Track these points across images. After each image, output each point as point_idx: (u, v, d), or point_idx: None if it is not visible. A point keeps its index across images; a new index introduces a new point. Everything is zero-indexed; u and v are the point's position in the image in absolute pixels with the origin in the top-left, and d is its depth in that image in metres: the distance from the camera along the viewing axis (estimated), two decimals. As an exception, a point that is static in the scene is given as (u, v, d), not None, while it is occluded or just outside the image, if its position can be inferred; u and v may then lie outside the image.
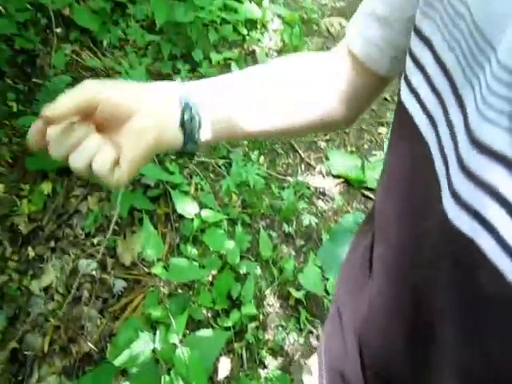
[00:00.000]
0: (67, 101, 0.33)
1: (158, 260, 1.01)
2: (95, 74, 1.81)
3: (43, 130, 0.33)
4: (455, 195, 0.27)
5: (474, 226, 0.26)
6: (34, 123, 0.34)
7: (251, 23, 2.17)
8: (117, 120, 0.34)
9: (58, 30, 2.10)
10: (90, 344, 1.02)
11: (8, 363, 0.99)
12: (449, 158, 0.28)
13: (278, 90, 0.42)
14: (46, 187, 1.34)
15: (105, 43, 2.03)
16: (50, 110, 0.32)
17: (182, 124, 0.37)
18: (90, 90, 0.33)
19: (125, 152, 0.34)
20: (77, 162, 0.33)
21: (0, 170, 1.41)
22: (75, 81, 1.76)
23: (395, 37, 0.38)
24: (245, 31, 2.07)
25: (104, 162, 0.33)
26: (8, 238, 1.21)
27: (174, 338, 0.89)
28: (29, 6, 2.13)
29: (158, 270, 0.97)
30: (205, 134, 0.38)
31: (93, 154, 0.33)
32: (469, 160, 0.25)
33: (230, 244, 1.09)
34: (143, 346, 0.87)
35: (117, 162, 0.34)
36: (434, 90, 0.29)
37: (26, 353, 1.01)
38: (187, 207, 1.13)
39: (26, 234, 1.23)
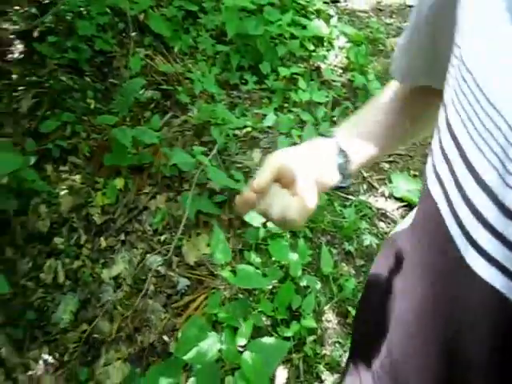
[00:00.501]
0: (266, 175, 0.45)
1: (226, 264, 1.08)
2: (167, 78, 1.96)
3: (246, 198, 0.45)
4: (483, 254, 0.29)
5: (509, 284, 0.27)
6: (241, 196, 0.46)
7: (318, 40, 2.26)
8: (290, 177, 0.47)
9: (133, 34, 2.29)
10: (154, 336, 1.10)
11: (79, 344, 1.09)
12: (468, 219, 0.30)
13: (385, 126, 0.55)
14: (119, 182, 1.47)
15: (176, 49, 2.19)
16: (257, 184, 0.44)
17: (338, 166, 0.50)
18: (279, 163, 0.45)
19: (302, 199, 0.46)
20: (275, 214, 0.45)
21: (78, 163, 1.56)
22: (149, 84, 1.92)
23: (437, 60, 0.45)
24: (311, 47, 2.16)
25: (295, 210, 0.44)
26: (83, 226, 1.34)
27: (240, 341, 0.95)
28: (108, 10, 2.34)
29: (226, 273, 1.04)
30: (353, 168, 0.51)
31: (286, 205, 0.44)
32: (496, 221, 0.28)
33: (294, 256, 1.14)
34: (211, 344, 0.93)
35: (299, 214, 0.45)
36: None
37: (95, 336, 1.11)
38: (254, 217, 1.20)
39: (99, 225, 1.36)
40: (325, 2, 2.63)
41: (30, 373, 1.03)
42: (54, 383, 1.02)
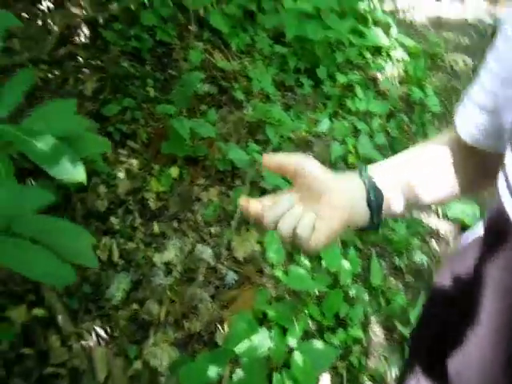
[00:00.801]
0: (283, 157, 0.44)
1: (278, 264, 1.12)
2: (224, 74, 2.03)
3: (255, 206, 0.44)
4: None
5: None
6: (250, 203, 0.45)
7: (376, 49, 2.27)
8: (313, 191, 0.44)
9: (193, 28, 2.37)
10: (200, 324, 1.15)
11: (129, 322, 1.16)
12: None
13: (431, 174, 0.53)
14: (174, 171, 1.54)
15: (233, 46, 2.26)
16: (269, 156, 0.44)
17: (369, 203, 0.46)
18: (301, 159, 0.44)
19: (322, 221, 0.43)
20: (285, 226, 0.42)
21: (136, 148, 1.64)
22: (206, 78, 1.99)
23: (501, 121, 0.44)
24: (369, 56, 2.17)
25: (306, 227, 0.42)
26: (138, 209, 1.42)
27: (290, 342, 0.98)
28: (170, 3, 2.43)
29: (278, 273, 1.08)
30: (387, 211, 0.48)
31: (297, 219, 0.42)
32: None
33: (346, 265, 1.17)
34: (262, 341, 0.97)
35: (313, 228, 0.43)
36: None
37: (144, 317, 1.17)
38: None
39: (153, 210, 1.42)
40: (384, 12, 2.64)
41: (83, 342, 1.10)
42: (105, 356, 1.09)
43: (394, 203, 0.48)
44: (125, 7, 2.37)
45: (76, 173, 0.67)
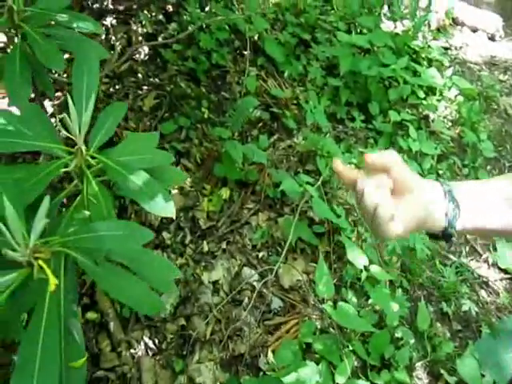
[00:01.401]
0: (379, 157, 0.51)
1: (328, 299, 1.19)
2: (277, 102, 2.17)
3: (349, 171, 0.53)
4: None
5: None
6: (342, 166, 0.54)
7: (429, 88, 2.37)
8: (400, 188, 0.51)
9: (247, 53, 2.56)
10: (245, 347, 1.23)
11: (176, 336, 1.25)
12: None
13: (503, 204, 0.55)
14: (225, 193, 1.66)
15: (286, 74, 2.41)
16: (370, 156, 0.51)
17: (446, 213, 0.52)
18: (392, 158, 0.51)
19: (401, 212, 0.49)
20: (368, 199, 0.49)
21: (189, 166, 1.79)
22: (260, 104, 2.14)
23: None
24: (422, 95, 2.27)
25: (387, 210, 0.48)
26: (189, 227, 1.54)
27: (338, 379, 1.05)
28: (227, 27, 2.64)
29: (327, 308, 1.15)
30: (461, 225, 0.53)
31: (381, 200, 0.48)
32: None
33: (395, 307, 1.23)
34: (310, 375, 1.04)
35: (392, 219, 0.48)
36: None
37: (190, 332, 1.26)
38: (358, 258, 1.31)
39: (204, 229, 1.54)
40: (438, 50, 2.74)
41: (132, 350, 1.20)
42: (153, 366, 1.18)
43: (469, 220, 0.53)
44: (183, 28, 2.60)
45: (167, 209, 0.72)
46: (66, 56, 1.16)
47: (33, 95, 1.00)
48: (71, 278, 0.65)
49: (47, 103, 1.81)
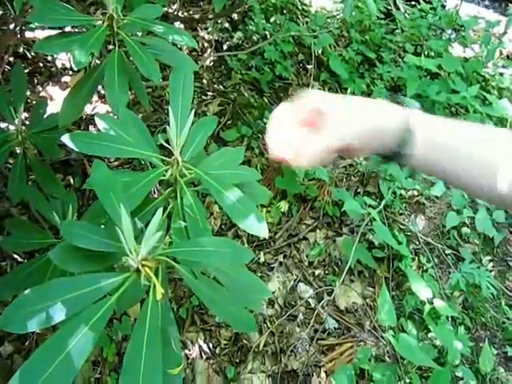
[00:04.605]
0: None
1: (390, 328, 1.23)
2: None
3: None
4: None
5: None
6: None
7: (500, 120, 2.37)
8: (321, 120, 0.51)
9: (311, 67, 2.65)
10: (297, 363, 1.28)
11: (229, 342, 1.32)
12: None
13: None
14: (284, 205, 1.74)
15: (349, 91, 2.48)
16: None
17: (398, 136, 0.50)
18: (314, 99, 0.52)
19: (314, 143, 0.50)
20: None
21: (249, 175, 1.87)
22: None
23: None
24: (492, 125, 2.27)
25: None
26: (247, 236, 1.61)
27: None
28: (291, 40, 2.75)
29: (390, 337, 1.19)
30: (416, 150, 0.50)
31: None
32: None
33: (458, 345, 1.25)
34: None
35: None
36: None
37: (244, 342, 1.33)
38: (422, 289, 1.34)
39: (261, 240, 1.61)
40: (510, 80, 2.74)
41: (186, 351, 1.28)
42: (206, 370, 1.26)
43: (432, 152, 0.50)
44: (248, 37, 2.74)
45: (261, 229, 0.72)
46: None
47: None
48: (166, 285, 0.67)
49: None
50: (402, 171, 1.98)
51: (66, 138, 0.70)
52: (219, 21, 2.86)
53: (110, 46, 0.97)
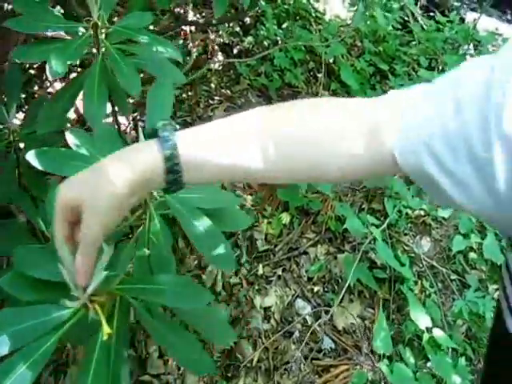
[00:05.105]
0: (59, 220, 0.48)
1: (384, 357, 1.20)
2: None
3: None
4: None
5: None
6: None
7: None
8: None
9: (321, 76, 2.64)
10: (291, 382, 1.26)
11: (222, 355, 1.30)
12: None
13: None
14: (285, 218, 1.72)
15: (358, 104, 2.47)
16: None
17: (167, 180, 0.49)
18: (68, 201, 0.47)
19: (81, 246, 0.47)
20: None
21: (252, 186, 1.86)
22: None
23: None
24: None
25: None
26: (246, 246, 1.60)
27: None
28: (303, 48, 2.74)
29: (383, 367, 1.17)
30: (187, 178, 0.49)
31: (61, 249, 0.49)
32: None
33: (457, 379, 1.22)
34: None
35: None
36: None
37: (237, 355, 1.31)
38: (421, 318, 1.32)
39: (260, 251, 1.60)
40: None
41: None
42: (196, 381, 1.24)
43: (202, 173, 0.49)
44: (258, 42, 2.73)
45: (228, 262, 0.71)
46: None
47: (109, 109, 1.00)
48: (124, 320, 0.62)
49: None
50: (409, 190, 1.96)
51: (30, 156, 0.65)
52: (231, 24, 2.86)
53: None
